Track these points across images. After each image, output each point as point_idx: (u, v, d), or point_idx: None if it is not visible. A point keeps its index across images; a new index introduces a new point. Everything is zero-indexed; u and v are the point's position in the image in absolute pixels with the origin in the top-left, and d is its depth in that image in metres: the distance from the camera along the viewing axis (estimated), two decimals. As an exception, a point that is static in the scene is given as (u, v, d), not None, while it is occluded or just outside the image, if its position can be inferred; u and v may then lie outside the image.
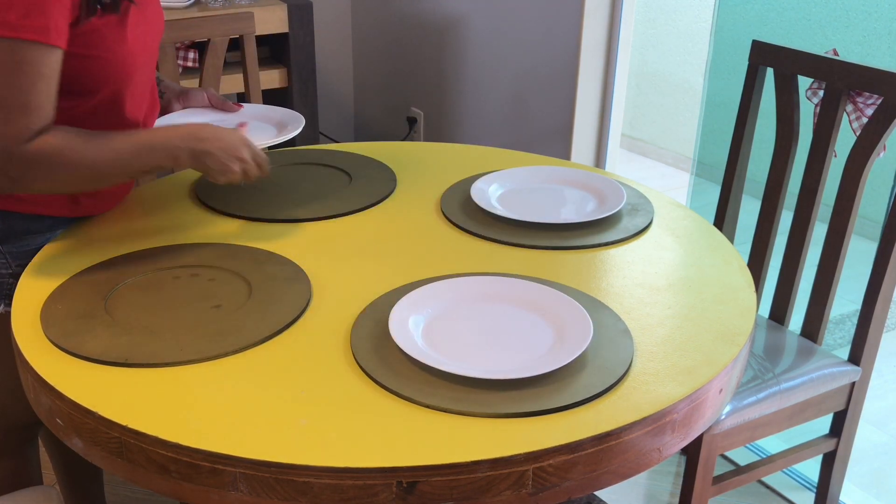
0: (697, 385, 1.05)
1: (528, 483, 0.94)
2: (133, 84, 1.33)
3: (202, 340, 1.10)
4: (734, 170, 1.88)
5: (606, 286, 1.25)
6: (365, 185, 1.56)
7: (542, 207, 1.48)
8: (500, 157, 1.71)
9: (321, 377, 1.04)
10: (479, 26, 2.69)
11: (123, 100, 1.32)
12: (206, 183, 1.56)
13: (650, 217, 1.45)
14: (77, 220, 1.41)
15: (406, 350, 1.05)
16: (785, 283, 1.81)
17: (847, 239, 1.69)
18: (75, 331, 1.11)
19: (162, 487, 0.97)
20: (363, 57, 3.33)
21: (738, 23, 3.40)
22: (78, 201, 1.38)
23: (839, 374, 1.69)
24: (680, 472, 2.11)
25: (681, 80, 4.27)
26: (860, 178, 1.65)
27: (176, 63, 1.97)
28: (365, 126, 3.43)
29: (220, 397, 1.01)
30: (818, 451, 1.79)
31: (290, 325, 1.14)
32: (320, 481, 0.91)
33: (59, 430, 1.05)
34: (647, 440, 1.00)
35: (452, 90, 2.88)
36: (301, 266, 1.27)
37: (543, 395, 1.01)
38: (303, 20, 2.62)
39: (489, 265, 1.30)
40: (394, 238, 1.39)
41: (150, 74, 1.41)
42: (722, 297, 1.24)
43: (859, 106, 1.67)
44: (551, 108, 2.50)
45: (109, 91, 1.30)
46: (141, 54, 1.32)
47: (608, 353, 1.09)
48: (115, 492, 1.99)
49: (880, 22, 3.00)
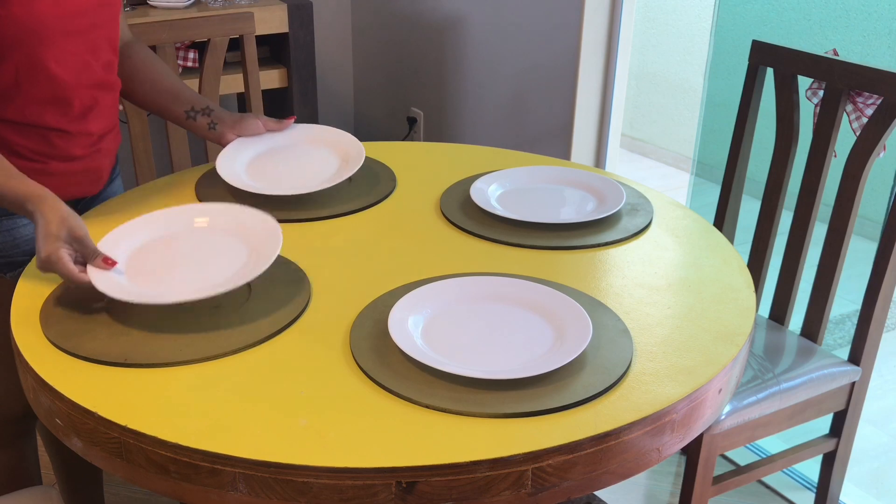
0: (697, 385, 1.05)
1: (528, 483, 0.94)
2: (55, 47, 1.31)
3: (201, 340, 1.10)
4: (734, 170, 1.88)
5: (606, 286, 1.25)
6: (365, 185, 1.55)
7: (541, 207, 1.48)
8: (500, 157, 1.70)
9: (321, 377, 1.04)
10: (479, 26, 2.69)
11: (47, 63, 1.31)
12: (206, 183, 1.56)
13: (650, 217, 1.45)
14: None
15: (405, 350, 1.05)
16: (785, 283, 1.81)
17: (847, 239, 1.69)
18: (75, 331, 1.11)
19: (161, 488, 0.97)
20: (363, 57, 3.33)
21: (738, 23, 3.40)
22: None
23: (839, 374, 1.69)
24: (680, 472, 2.11)
25: (681, 80, 4.27)
26: (860, 178, 1.65)
27: (176, 63, 1.96)
28: (365, 126, 3.43)
29: (219, 397, 1.01)
30: (818, 451, 1.79)
31: (289, 325, 1.14)
32: (319, 481, 0.91)
33: (58, 431, 1.05)
34: (647, 440, 1.00)
35: (452, 90, 2.87)
36: (301, 266, 1.27)
37: (543, 395, 1.00)
38: (303, 20, 2.62)
39: (489, 265, 1.30)
40: (393, 238, 1.39)
41: (95, 38, 1.39)
42: (721, 297, 1.24)
43: (859, 106, 1.66)
44: (551, 108, 2.50)
45: (24, 54, 1.29)
46: (62, 16, 1.31)
47: (608, 353, 1.08)
48: (114, 492, 1.99)
49: (880, 22, 3.00)
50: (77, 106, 1.38)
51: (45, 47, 1.30)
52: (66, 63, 1.34)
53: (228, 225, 1.27)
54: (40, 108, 1.35)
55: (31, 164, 1.36)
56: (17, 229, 1.37)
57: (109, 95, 1.46)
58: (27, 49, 1.29)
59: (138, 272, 1.19)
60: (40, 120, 1.35)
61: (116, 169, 1.59)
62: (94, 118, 1.42)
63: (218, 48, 1.98)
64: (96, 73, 1.41)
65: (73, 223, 1.17)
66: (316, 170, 1.55)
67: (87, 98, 1.40)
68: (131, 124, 1.93)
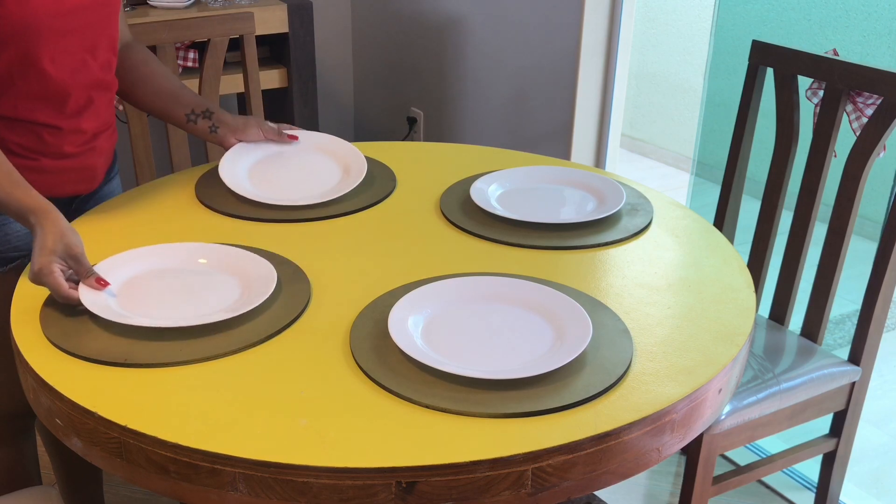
0: (697, 385, 1.05)
1: (528, 483, 0.94)
2: (50, 45, 1.31)
3: (202, 340, 1.10)
4: (734, 170, 1.88)
5: (606, 286, 1.25)
6: (365, 185, 1.56)
7: (541, 207, 1.48)
8: (500, 157, 1.70)
9: (321, 377, 1.04)
10: (479, 26, 2.69)
11: (40, 60, 1.31)
12: (206, 183, 1.56)
13: (650, 217, 1.45)
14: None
15: (405, 350, 1.05)
16: (785, 283, 1.81)
17: (847, 239, 1.69)
18: (75, 331, 1.11)
19: (161, 488, 0.97)
20: (363, 57, 3.33)
21: (738, 23, 3.40)
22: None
23: (839, 374, 1.69)
24: (680, 472, 2.11)
25: (681, 80, 4.27)
26: (860, 178, 1.65)
27: (176, 63, 1.97)
28: (365, 126, 3.43)
29: (219, 397, 1.01)
30: (818, 451, 1.79)
31: (289, 325, 1.14)
32: (319, 481, 0.91)
33: (58, 431, 1.05)
34: (647, 440, 1.00)
35: (452, 90, 2.87)
36: (301, 266, 1.27)
37: (543, 395, 1.00)
38: (303, 20, 2.62)
39: (489, 265, 1.30)
40: (393, 238, 1.39)
41: (94, 37, 1.39)
42: (721, 297, 1.24)
43: (859, 106, 1.66)
44: (551, 108, 2.50)
45: (17, 50, 1.29)
46: (57, 14, 1.30)
47: (608, 353, 1.08)
48: (114, 492, 1.99)
49: (880, 22, 3.00)
50: (72, 104, 1.38)
51: (39, 44, 1.30)
52: (62, 61, 1.34)
53: (228, 265, 1.26)
54: (32, 104, 1.34)
55: (22, 160, 1.35)
56: (7, 225, 1.37)
57: (106, 95, 1.46)
58: (20, 45, 1.29)
59: (130, 297, 1.19)
60: (32, 116, 1.35)
61: (115, 168, 1.59)
62: (88, 116, 1.42)
63: (218, 48, 1.98)
64: (94, 73, 1.40)
65: (71, 240, 1.17)
66: (317, 180, 1.56)
67: (83, 97, 1.40)
68: (131, 124, 1.93)
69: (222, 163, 1.55)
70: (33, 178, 1.36)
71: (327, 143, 1.65)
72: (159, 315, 1.14)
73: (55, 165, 1.40)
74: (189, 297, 1.19)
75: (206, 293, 1.20)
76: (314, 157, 1.62)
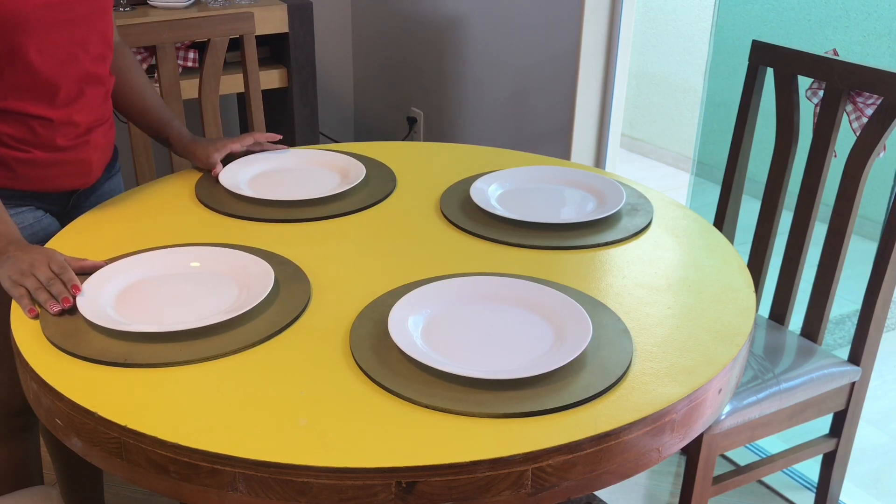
0: (697, 385, 1.05)
1: (528, 483, 0.94)
2: (37, 37, 1.31)
3: (202, 341, 1.10)
4: (734, 170, 1.88)
5: (606, 286, 1.25)
6: (364, 185, 1.56)
7: (541, 207, 1.48)
8: (500, 157, 1.71)
9: (321, 377, 1.04)
10: (479, 26, 2.69)
11: (27, 52, 1.31)
12: (206, 183, 1.56)
13: (650, 217, 1.45)
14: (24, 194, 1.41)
15: (405, 350, 1.05)
16: (785, 283, 1.81)
17: (847, 239, 1.69)
18: (75, 331, 1.11)
19: (161, 488, 0.97)
20: (363, 57, 3.33)
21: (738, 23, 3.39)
22: (12, 169, 1.38)
23: (839, 375, 1.69)
24: (680, 472, 2.11)
25: (681, 80, 4.26)
26: (860, 178, 1.65)
27: (176, 63, 1.97)
28: (365, 126, 3.43)
29: (219, 397, 1.01)
30: (818, 451, 1.79)
31: (289, 325, 1.14)
32: (319, 481, 0.91)
33: (58, 431, 1.05)
34: (647, 440, 1.00)
35: (452, 90, 2.87)
36: (301, 266, 1.27)
37: (543, 395, 1.00)
38: (303, 20, 2.62)
39: (489, 265, 1.30)
40: (393, 238, 1.39)
41: (84, 30, 1.39)
42: (721, 297, 1.24)
43: (859, 106, 1.66)
44: (551, 108, 2.50)
45: (4, 41, 1.29)
46: (44, 6, 1.30)
47: (607, 353, 1.08)
48: (115, 492, 1.99)
49: (880, 22, 3.00)
50: (62, 96, 1.38)
51: (25, 36, 1.30)
52: (50, 53, 1.34)
53: (223, 266, 1.26)
54: (21, 95, 1.34)
55: (15, 152, 1.36)
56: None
57: (99, 89, 1.45)
58: (6, 36, 1.29)
59: (128, 306, 1.18)
60: (22, 107, 1.35)
61: (116, 165, 1.59)
62: (79, 109, 1.41)
63: (218, 48, 1.98)
64: (84, 66, 1.40)
65: (50, 253, 1.22)
66: (316, 184, 1.57)
67: (74, 89, 1.39)
68: (131, 124, 1.93)
69: (222, 175, 1.56)
70: (27, 170, 1.36)
71: (322, 156, 1.67)
72: (159, 321, 1.14)
73: (48, 158, 1.40)
74: (188, 300, 1.19)
75: (205, 296, 1.20)
76: (313, 168, 1.64)
